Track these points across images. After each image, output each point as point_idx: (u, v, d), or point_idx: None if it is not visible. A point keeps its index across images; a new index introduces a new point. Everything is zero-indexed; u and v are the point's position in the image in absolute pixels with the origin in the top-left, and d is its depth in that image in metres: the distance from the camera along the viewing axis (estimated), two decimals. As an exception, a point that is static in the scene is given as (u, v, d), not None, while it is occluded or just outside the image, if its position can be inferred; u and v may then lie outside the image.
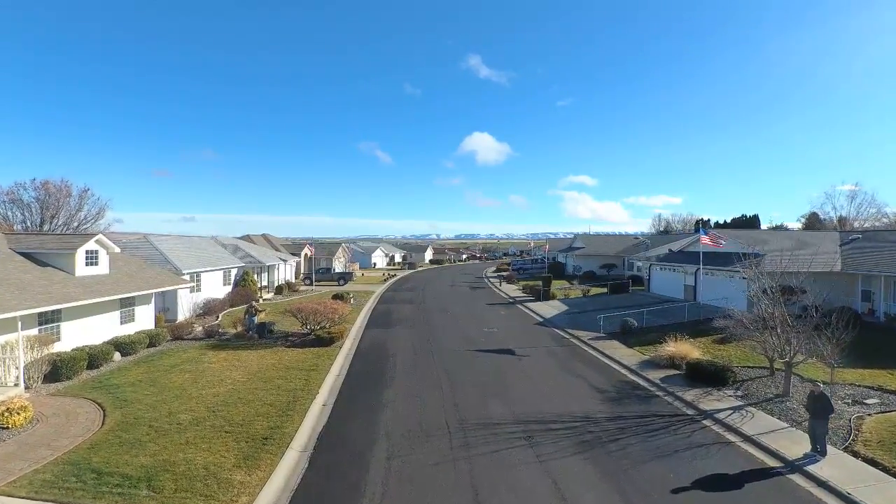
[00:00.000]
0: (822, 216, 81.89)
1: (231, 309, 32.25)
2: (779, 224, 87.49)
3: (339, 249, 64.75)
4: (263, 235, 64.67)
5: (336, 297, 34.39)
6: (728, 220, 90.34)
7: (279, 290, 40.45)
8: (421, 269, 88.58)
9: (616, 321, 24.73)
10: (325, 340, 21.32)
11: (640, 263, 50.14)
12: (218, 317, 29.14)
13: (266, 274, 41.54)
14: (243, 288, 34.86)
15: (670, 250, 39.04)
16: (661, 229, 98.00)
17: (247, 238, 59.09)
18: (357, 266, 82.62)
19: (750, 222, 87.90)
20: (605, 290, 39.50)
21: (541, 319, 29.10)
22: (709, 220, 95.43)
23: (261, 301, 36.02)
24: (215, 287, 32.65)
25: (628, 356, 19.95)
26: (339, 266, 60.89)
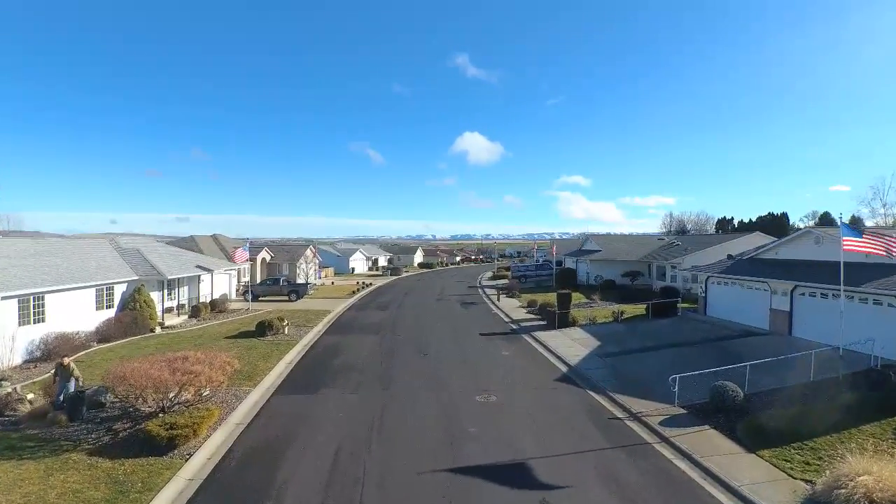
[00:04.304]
0: (831, 216, 72.10)
1: (98, 347, 21.76)
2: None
3: (304, 253, 53.96)
4: (213, 236, 54.00)
5: (261, 325, 23.93)
6: (754, 219, 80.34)
7: (196, 311, 29.84)
8: (407, 274, 78.03)
9: (696, 382, 14.46)
10: (160, 443, 10.89)
11: (673, 272, 39.93)
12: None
13: (185, 289, 31.00)
14: (132, 312, 24.33)
15: (730, 256, 28.82)
16: (675, 229, 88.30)
17: (190, 240, 48.47)
18: (332, 272, 72.09)
19: (778, 221, 77.93)
20: (641, 309, 29.16)
21: (564, 369, 18.74)
22: (731, 219, 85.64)
23: (157, 331, 25.53)
24: (79, 313, 22.13)
25: (767, 485, 9.68)
26: (302, 275, 50.26)
